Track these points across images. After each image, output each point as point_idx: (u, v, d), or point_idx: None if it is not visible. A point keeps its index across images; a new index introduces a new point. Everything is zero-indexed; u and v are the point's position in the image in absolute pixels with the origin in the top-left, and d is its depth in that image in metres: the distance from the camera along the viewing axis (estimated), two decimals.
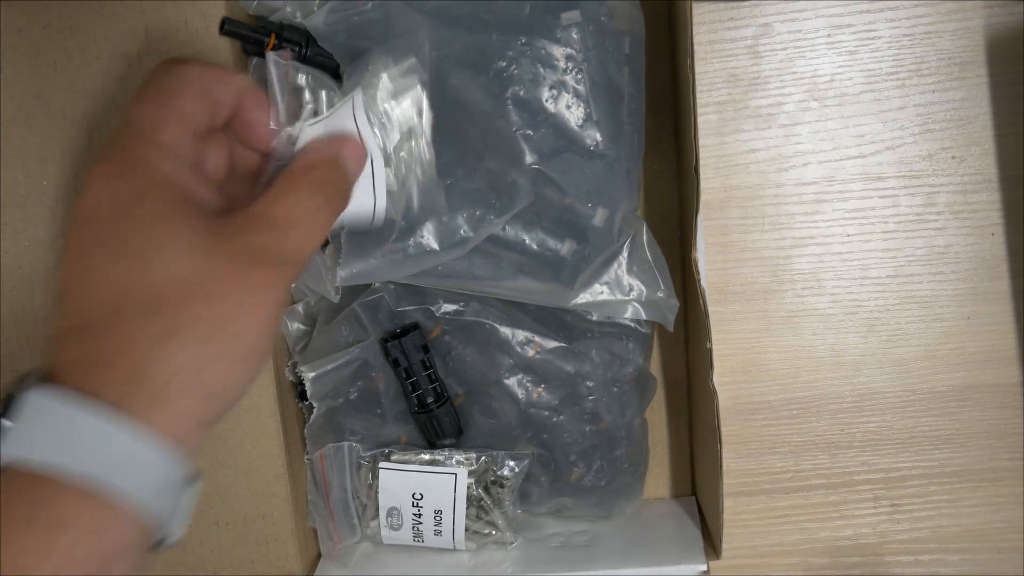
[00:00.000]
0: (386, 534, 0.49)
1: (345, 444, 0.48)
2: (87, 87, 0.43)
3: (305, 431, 0.48)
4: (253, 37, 0.43)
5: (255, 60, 0.45)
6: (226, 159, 0.35)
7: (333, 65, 0.44)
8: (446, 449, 0.48)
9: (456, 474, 0.47)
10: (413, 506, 0.48)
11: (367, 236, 0.43)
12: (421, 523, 0.48)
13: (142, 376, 0.27)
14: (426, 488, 0.48)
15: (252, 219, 0.31)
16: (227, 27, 0.41)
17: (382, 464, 0.48)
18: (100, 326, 0.28)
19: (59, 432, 0.26)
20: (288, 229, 0.31)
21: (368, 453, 0.48)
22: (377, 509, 0.49)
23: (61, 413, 0.26)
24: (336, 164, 0.34)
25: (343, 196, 0.35)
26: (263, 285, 0.30)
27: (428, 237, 0.43)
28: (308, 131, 0.36)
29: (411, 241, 0.43)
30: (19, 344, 0.44)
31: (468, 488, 0.48)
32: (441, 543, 0.49)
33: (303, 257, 0.32)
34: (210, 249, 0.29)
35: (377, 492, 0.48)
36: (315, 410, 0.47)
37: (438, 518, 0.48)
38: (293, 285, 0.50)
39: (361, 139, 0.36)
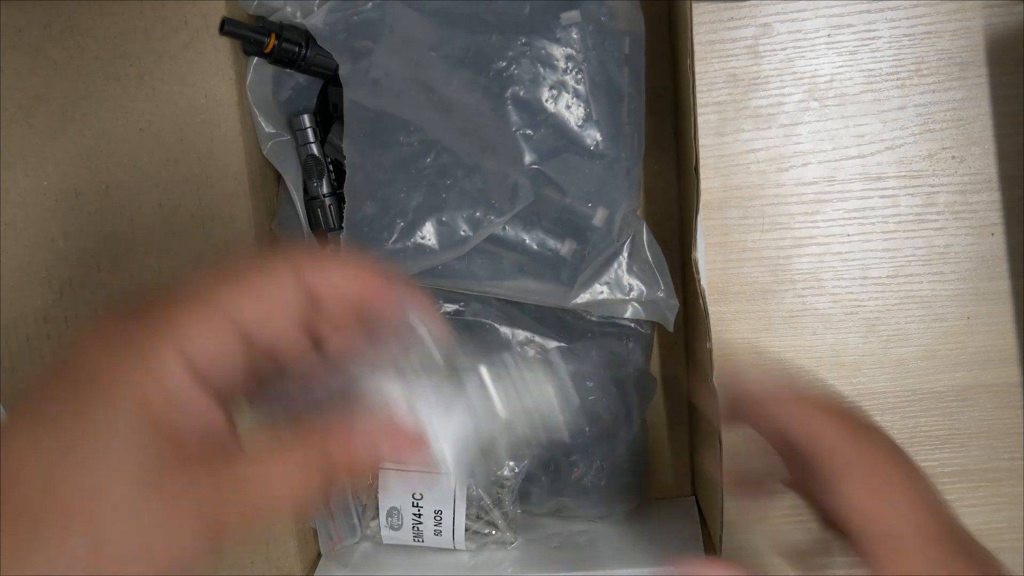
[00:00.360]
0: (386, 534, 0.49)
1: None
2: (87, 87, 0.43)
3: None
4: (253, 37, 0.43)
5: (255, 60, 0.45)
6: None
7: (332, 66, 0.44)
8: None
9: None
10: (413, 506, 0.48)
11: (366, 236, 0.43)
12: (421, 523, 0.48)
13: None
14: (426, 488, 0.48)
15: (214, 471, 0.26)
16: (227, 27, 0.41)
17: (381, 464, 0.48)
18: None
19: None
20: (251, 494, 0.26)
21: None
22: (377, 509, 0.49)
23: None
24: (370, 461, 0.28)
25: (350, 480, 0.29)
26: (183, 544, 0.25)
27: (428, 237, 0.43)
28: (384, 383, 0.29)
29: (411, 241, 0.43)
30: (19, 344, 0.44)
31: (468, 488, 0.48)
32: (441, 543, 0.49)
33: (255, 526, 0.26)
34: (142, 480, 0.24)
35: (377, 492, 0.48)
36: None
37: (438, 518, 0.48)
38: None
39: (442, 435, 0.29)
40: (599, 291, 0.46)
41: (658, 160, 0.52)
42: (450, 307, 0.46)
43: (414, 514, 0.48)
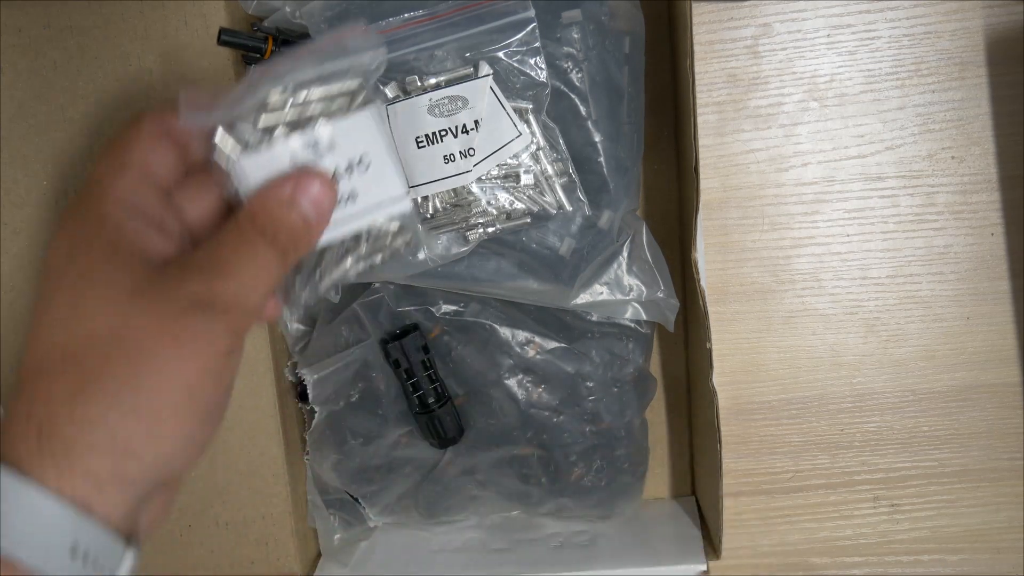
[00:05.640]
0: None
1: None
2: (87, 87, 0.43)
3: (307, 436, 0.48)
4: (251, 45, 0.43)
5: (252, 67, 0.45)
6: (214, 202, 0.33)
7: None
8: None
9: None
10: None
11: None
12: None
13: (48, 436, 0.26)
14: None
15: (187, 268, 0.29)
16: (224, 37, 0.42)
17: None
18: (22, 384, 0.28)
19: None
20: (226, 276, 0.29)
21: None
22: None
23: None
24: (286, 206, 0.31)
25: (297, 239, 0.32)
26: (194, 336, 0.28)
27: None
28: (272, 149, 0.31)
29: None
30: (19, 344, 0.44)
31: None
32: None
33: (247, 304, 0.30)
34: (136, 301, 0.28)
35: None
36: (317, 414, 0.47)
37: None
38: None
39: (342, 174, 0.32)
40: (599, 291, 0.46)
41: (658, 160, 0.52)
42: (449, 308, 0.46)
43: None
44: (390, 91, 0.41)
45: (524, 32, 0.40)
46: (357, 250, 0.35)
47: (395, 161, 0.34)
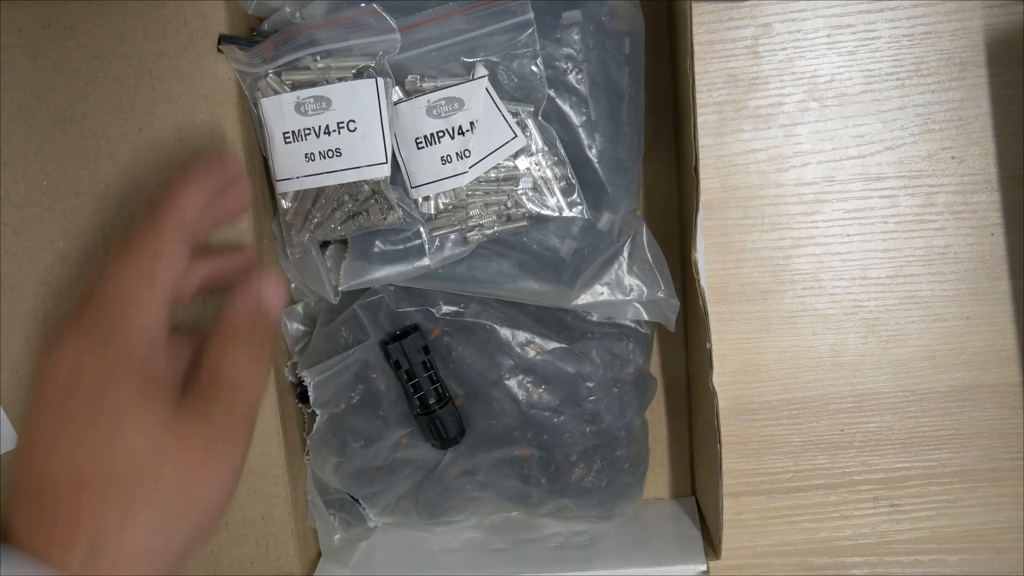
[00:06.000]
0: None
1: None
2: (87, 87, 0.43)
3: (308, 440, 0.48)
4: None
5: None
6: (203, 276, 0.37)
7: None
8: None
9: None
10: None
11: (364, 237, 0.43)
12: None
13: (101, 551, 0.29)
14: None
15: (209, 393, 0.32)
16: (224, 43, 0.42)
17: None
18: (62, 497, 0.29)
19: None
20: (240, 390, 0.33)
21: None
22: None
23: None
24: (259, 311, 0.35)
25: (275, 334, 0.36)
26: (227, 455, 0.32)
27: (428, 239, 0.43)
28: None
29: (411, 243, 0.43)
30: (19, 344, 0.44)
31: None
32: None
33: (259, 402, 0.34)
34: (171, 433, 0.31)
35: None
36: (318, 418, 0.47)
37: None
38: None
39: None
40: (600, 292, 0.46)
41: (658, 160, 0.52)
42: (449, 308, 0.46)
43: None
44: (395, 93, 0.41)
45: (523, 35, 0.40)
46: (344, 207, 0.41)
47: (383, 133, 0.39)
